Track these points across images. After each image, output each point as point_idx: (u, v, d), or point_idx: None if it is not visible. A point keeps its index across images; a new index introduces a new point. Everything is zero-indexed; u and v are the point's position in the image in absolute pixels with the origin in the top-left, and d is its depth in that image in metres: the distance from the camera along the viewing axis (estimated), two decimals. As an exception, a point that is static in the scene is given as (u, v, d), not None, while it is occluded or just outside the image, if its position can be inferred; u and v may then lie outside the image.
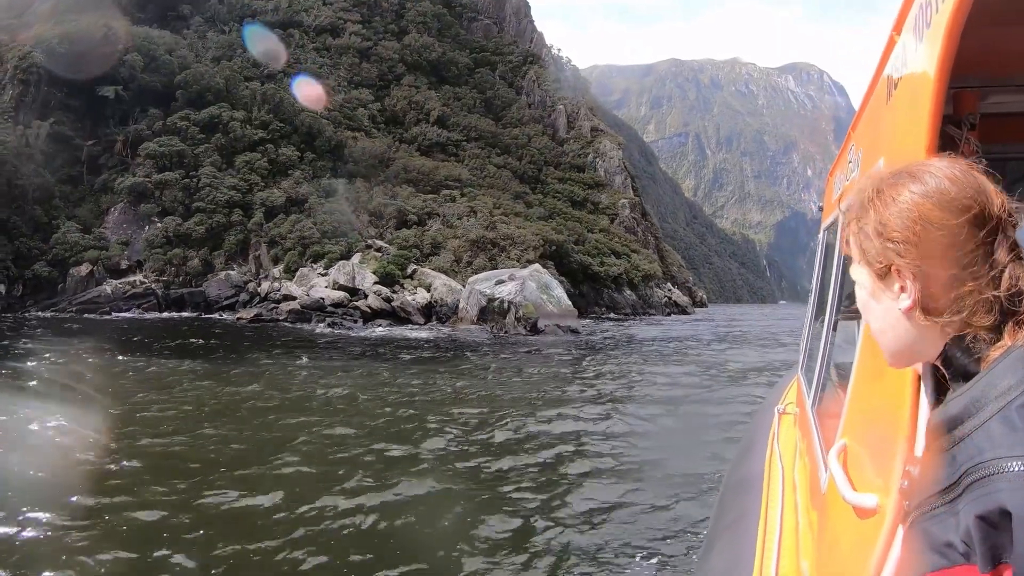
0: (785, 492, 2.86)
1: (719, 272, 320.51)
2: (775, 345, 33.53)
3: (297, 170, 61.95)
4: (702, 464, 9.96)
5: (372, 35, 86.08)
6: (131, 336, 29.06)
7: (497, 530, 6.88)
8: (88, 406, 12.06)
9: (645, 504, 7.82)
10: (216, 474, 8.30)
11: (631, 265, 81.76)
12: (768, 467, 3.42)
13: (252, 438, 10.56)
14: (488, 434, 11.57)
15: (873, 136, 2.11)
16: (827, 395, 2.91)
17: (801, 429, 3.31)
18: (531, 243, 61.13)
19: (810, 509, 2.39)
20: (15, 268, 49.29)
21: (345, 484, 8.06)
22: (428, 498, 7.79)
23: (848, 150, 2.81)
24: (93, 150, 58.25)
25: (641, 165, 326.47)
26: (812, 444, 2.59)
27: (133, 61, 59.75)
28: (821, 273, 3.62)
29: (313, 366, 20.24)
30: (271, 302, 46.73)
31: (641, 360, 24.38)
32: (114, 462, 8.67)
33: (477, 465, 9.46)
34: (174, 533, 6.39)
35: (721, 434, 11.78)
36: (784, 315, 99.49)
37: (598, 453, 10.44)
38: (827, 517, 1.94)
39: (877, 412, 1.61)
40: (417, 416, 13.03)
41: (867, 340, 1.81)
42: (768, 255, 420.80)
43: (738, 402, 15.60)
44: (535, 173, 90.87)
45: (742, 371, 21.81)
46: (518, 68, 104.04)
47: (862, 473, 1.63)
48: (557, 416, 13.45)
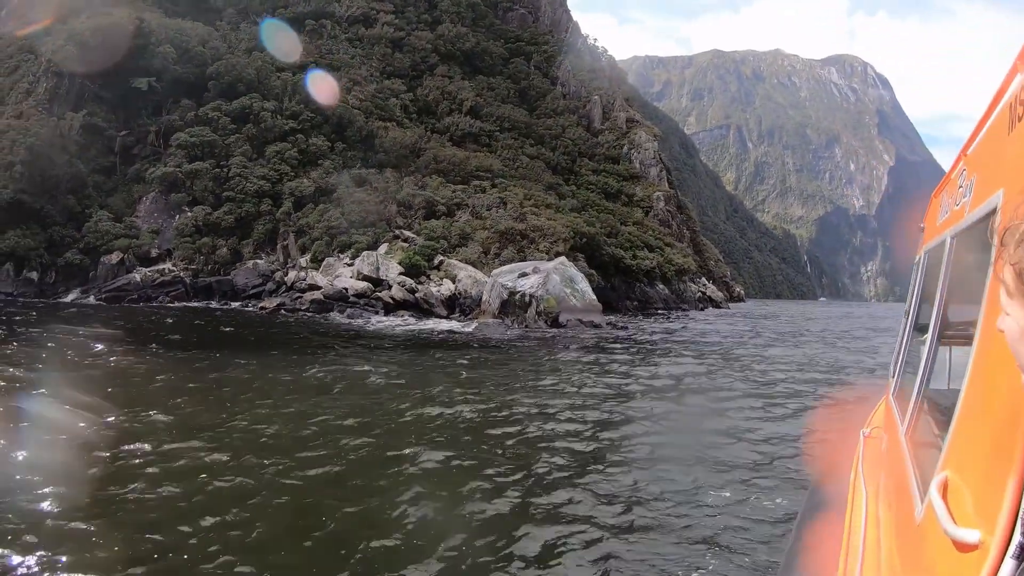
0: (868, 520, 2.80)
1: (759, 267, 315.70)
2: (804, 348, 32.24)
3: (327, 160, 61.75)
4: (699, 454, 9.26)
5: (405, 25, 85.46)
6: (130, 323, 28.93)
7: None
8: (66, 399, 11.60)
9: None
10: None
11: (664, 259, 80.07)
12: (852, 492, 3.39)
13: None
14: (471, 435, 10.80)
15: (992, 166, 2.05)
16: (922, 423, 2.83)
17: (891, 456, 3.21)
18: (561, 235, 59.94)
19: (897, 539, 2.30)
20: (48, 256, 50.08)
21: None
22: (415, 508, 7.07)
23: (959, 174, 2.68)
24: (126, 140, 58.81)
25: (681, 157, 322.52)
26: (905, 473, 2.49)
27: (166, 53, 60.06)
28: (919, 295, 3.59)
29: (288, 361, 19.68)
30: (296, 291, 46.55)
31: (654, 359, 23.29)
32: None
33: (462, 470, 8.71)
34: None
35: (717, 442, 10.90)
36: (823, 314, 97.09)
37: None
38: (922, 549, 1.87)
39: (985, 445, 1.57)
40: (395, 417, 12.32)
41: (977, 369, 1.75)
42: (809, 251, 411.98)
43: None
44: (569, 164, 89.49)
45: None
46: (553, 58, 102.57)
47: (963, 507, 1.60)
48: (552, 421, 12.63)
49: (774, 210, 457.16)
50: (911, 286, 3.88)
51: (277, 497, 7.25)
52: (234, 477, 7.77)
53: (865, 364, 24.10)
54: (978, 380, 1.73)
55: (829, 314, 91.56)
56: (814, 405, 14.83)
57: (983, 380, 1.66)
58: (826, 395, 16.19)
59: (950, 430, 1.88)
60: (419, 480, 8.07)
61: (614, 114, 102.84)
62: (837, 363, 24.27)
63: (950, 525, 1.52)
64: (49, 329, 23.52)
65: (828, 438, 9.92)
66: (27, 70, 57.48)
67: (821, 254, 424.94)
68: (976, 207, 2.14)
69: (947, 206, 2.93)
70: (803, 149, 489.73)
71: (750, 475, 8.88)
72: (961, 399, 1.85)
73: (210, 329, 28.73)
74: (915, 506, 2.09)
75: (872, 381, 18.27)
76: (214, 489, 7.36)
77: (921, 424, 2.82)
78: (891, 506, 2.67)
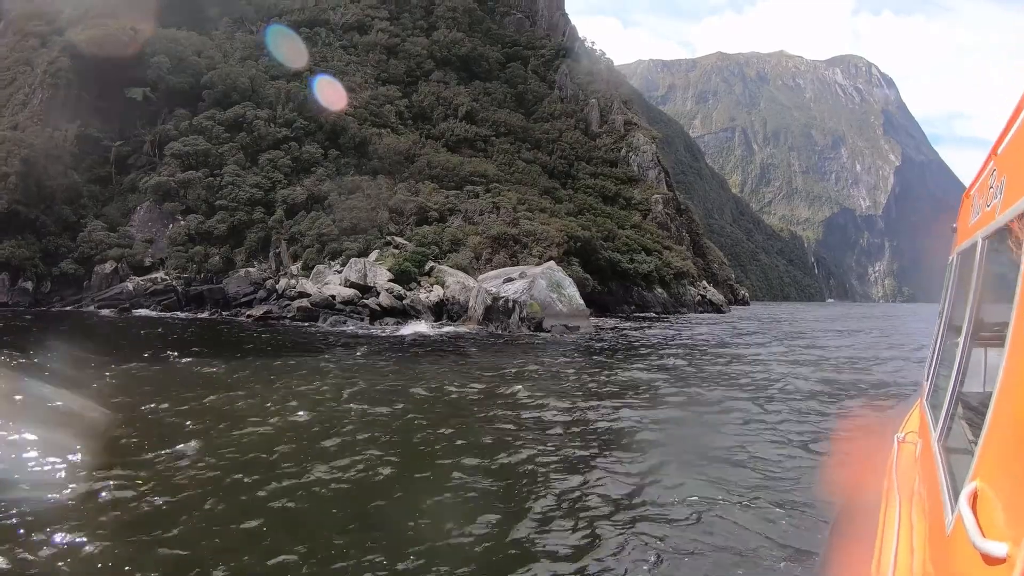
0: (901, 529, 2.76)
1: (766, 269, 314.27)
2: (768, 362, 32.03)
3: (320, 167, 62.02)
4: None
5: (400, 31, 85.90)
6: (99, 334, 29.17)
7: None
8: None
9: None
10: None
11: (663, 262, 79.94)
12: (885, 499, 3.35)
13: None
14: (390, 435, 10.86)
15: (1023, 167, 2.04)
16: (955, 428, 2.80)
17: (923, 463, 3.19)
18: (555, 239, 60.02)
19: (929, 550, 2.28)
20: (43, 265, 50.49)
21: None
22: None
23: (989, 174, 2.68)
24: (122, 150, 59.27)
25: (687, 161, 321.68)
26: (937, 481, 2.46)
27: (160, 63, 60.58)
28: (953, 298, 3.52)
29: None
30: (286, 299, 46.69)
31: (627, 362, 23.22)
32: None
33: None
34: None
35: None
36: (825, 316, 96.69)
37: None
38: (950, 562, 1.86)
39: (1018, 454, 1.53)
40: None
41: (1009, 374, 1.71)
42: (816, 252, 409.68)
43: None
44: (566, 168, 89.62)
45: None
46: (550, 62, 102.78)
47: (993, 519, 1.56)
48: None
49: (780, 212, 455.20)
50: (944, 288, 3.85)
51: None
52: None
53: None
54: (1010, 385, 1.70)
55: (824, 316, 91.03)
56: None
57: (1016, 385, 1.62)
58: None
59: (981, 437, 1.87)
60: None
61: (612, 117, 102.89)
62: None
63: (978, 538, 1.51)
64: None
65: (862, 444, 9.90)
66: (24, 81, 58.12)
67: (828, 255, 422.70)
68: (1007, 208, 2.14)
69: (978, 207, 2.91)
70: (809, 150, 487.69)
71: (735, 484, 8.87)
72: (993, 405, 1.83)
73: (155, 336, 28.92)
74: (946, 516, 2.07)
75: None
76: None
77: (954, 430, 2.79)
78: (923, 515, 2.65)
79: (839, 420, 13.55)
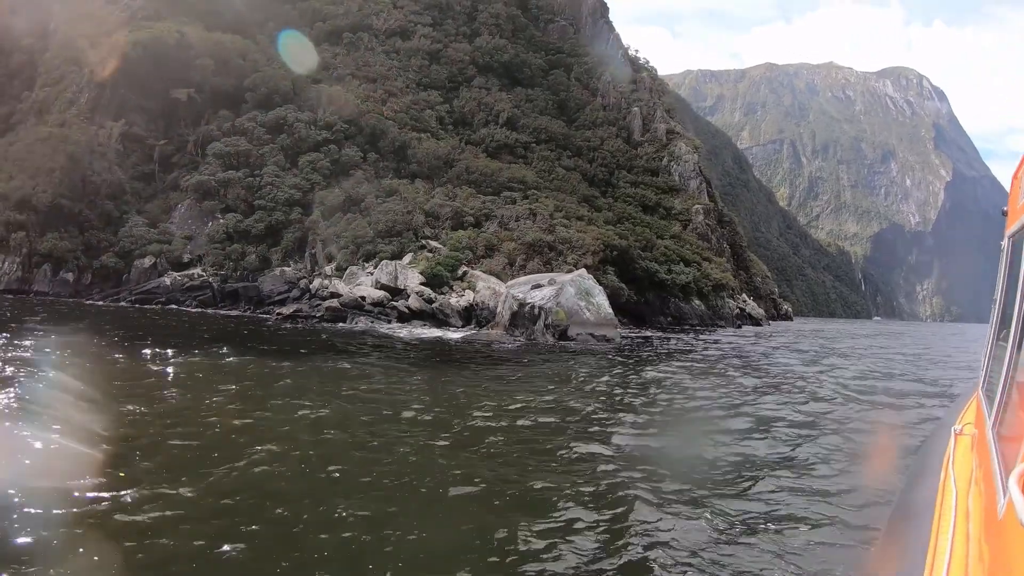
0: (958, 518, 2.71)
1: (812, 285, 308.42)
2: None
3: (360, 170, 62.26)
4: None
5: (443, 37, 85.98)
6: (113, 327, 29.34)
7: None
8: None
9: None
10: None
11: (701, 273, 78.34)
12: (941, 491, 3.29)
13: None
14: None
15: None
16: (1008, 416, 2.77)
17: (979, 451, 3.18)
18: (590, 247, 59.12)
19: (984, 537, 2.26)
20: (85, 258, 51.80)
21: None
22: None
23: None
24: (166, 149, 60.46)
25: (735, 172, 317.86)
26: (991, 468, 2.46)
27: (205, 65, 61.64)
28: (1006, 285, 3.42)
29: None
30: (319, 299, 46.87)
31: (647, 378, 22.29)
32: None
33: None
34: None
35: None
36: (870, 333, 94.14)
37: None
38: (1003, 544, 1.85)
39: None
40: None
41: None
42: (864, 268, 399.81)
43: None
44: (606, 176, 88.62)
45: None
46: (593, 70, 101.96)
47: None
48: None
49: (828, 227, 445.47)
50: (998, 275, 3.71)
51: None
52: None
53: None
54: None
55: (871, 332, 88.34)
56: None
57: None
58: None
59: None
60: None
61: (654, 126, 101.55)
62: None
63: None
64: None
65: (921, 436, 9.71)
66: (71, 81, 59.64)
67: (876, 272, 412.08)
68: None
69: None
70: (858, 164, 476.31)
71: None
72: None
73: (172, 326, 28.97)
74: (998, 500, 2.04)
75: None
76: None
77: (1008, 417, 2.78)
78: (978, 501, 2.67)
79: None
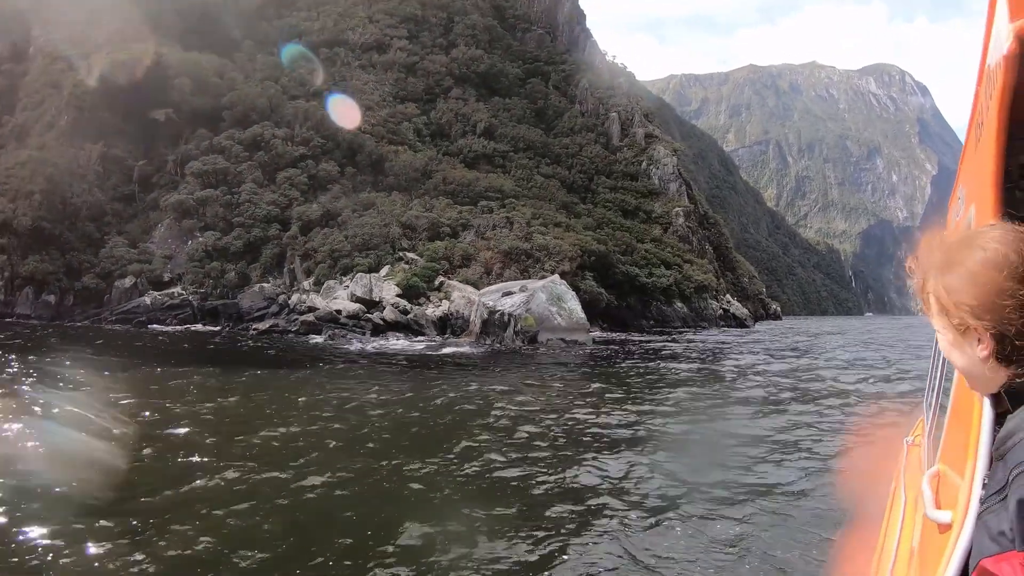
0: (904, 525, 2.90)
1: (803, 283, 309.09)
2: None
3: (337, 185, 63.03)
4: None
5: (419, 50, 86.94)
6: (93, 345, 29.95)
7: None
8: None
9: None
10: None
11: (683, 276, 79.21)
12: (891, 498, 3.50)
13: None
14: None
15: (968, 179, 2.21)
16: (938, 424, 2.98)
17: (922, 460, 3.43)
18: (567, 254, 59.89)
19: (919, 537, 2.44)
20: (66, 280, 52.26)
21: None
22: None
23: (958, 186, 2.85)
24: (145, 170, 61.10)
25: (721, 175, 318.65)
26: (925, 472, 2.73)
27: (183, 85, 62.40)
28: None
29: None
30: (296, 313, 47.52)
31: (602, 378, 23.12)
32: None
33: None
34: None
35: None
36: (860, 328, 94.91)
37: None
38: (924, 537, 2.07)
39: (962, 438, 1.74)
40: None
41: (959, 380, 2.00)
42: (853, 265, 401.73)
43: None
44: (585, 182, 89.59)
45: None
46: (570, 77, 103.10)
47: (948, 493, 1.82)
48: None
49: (816, 225, 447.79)
50: None
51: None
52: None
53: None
54: (961, 384, 1.99)
55: (860, 329, 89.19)
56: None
57: (959, 387, 1.96)
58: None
59: (944, 429, 2.22)
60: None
61: (633, 130, 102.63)
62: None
63: (931, 510, 1.78)
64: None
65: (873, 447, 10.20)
66: (51, 104, 60.29)
67: (866, 268, 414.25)
68: (964, 221, 2.33)
69: (953, 216, 3.06)
70: (844, 162, 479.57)
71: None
72: (950, 402, 2.17)
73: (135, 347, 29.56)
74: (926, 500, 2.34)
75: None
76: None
77: (938, 427, 2.97)
78: (919, 505, 2.86)
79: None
